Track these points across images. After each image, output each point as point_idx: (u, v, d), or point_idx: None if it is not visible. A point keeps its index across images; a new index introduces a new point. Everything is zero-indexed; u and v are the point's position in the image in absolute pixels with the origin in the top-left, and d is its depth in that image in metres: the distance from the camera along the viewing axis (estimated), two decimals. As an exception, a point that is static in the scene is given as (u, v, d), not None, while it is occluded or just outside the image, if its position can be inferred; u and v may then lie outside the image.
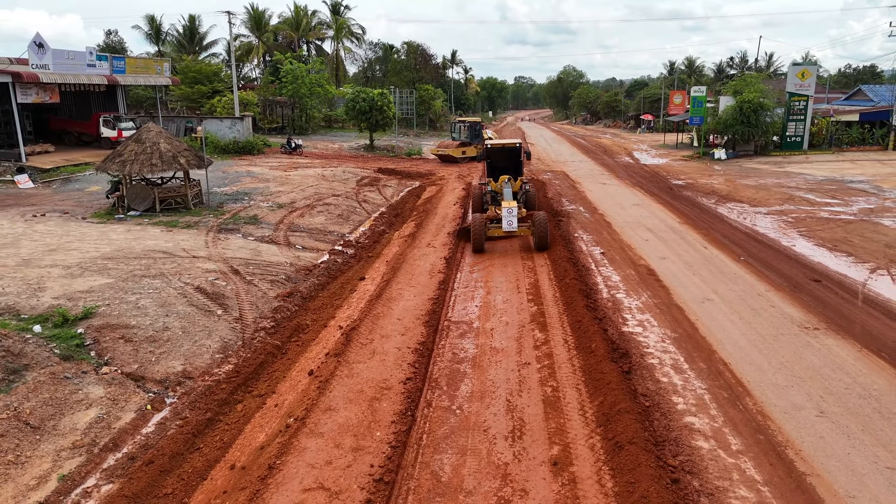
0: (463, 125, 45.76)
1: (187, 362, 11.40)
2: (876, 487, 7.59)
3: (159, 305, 13.16)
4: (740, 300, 14.32)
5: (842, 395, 9.88)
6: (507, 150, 22.21)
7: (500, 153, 22.21)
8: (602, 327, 12.57)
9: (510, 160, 21.80)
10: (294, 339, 12.82)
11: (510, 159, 21.85)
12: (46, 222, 20.10)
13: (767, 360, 11.12)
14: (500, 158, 21.99)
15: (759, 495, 7.50)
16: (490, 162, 22.06)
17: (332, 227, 22.65)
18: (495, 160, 22.01)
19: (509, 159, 21.85)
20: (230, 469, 8.38)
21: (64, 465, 8.40)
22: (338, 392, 10.23)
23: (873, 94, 48.88)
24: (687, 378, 10.58)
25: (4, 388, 9.50)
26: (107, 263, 15.54)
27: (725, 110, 42.53)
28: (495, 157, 22.13)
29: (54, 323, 11.81)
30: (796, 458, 8.20)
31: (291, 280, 16.37)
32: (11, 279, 14.00)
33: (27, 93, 28.94)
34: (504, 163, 21.75)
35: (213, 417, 9.77)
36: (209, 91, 51.12)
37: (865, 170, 34.87)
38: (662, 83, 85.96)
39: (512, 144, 22.45)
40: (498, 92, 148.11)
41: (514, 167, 21.59)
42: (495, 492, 7.71)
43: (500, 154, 22.19)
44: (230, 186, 27.39)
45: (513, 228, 18.21)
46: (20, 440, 8.64)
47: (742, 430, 8.93)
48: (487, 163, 22.06)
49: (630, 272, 16.74)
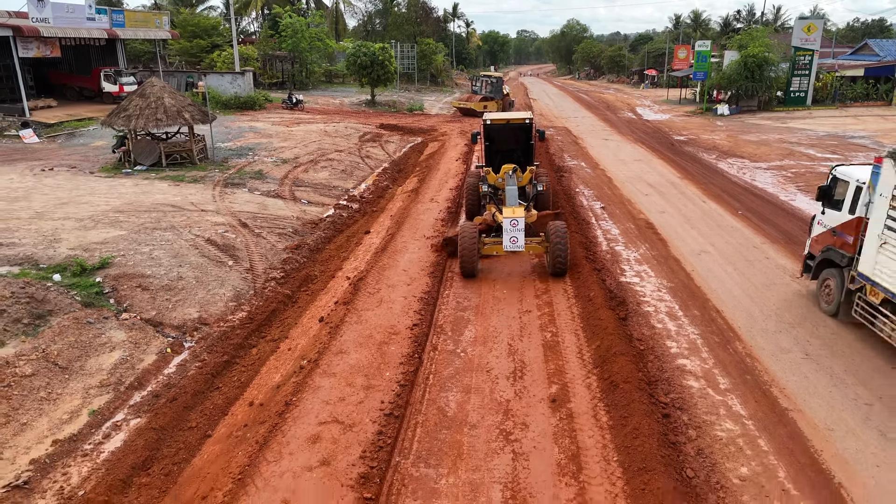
0: (486, 80, 45.95)
1: (202, 310, 11.89)
2: (853, 421, 8.14)
3: (172, 256, 13.59)
4: (736, 252, 14.73)
5: (828, 339, 10.38)
6: (512, 129, 16.33)
7: (504, 132, 16.42)
8: (601, 277, 13.02)
9: (517, 142, 16.37)
10: (303, 289, 13.30)
11: (517, 140, 16.36)
12: (55, 177, 20.38)
13: (759, 308, 11.60)
14: (504, 139, 16.45)
15: (744, 428, 8.05)
16: (489, 144, 16.47)
17: (336, 182, 22.92)
18: (497, 141, 16.49)
19: (516, 141, 16.38)
20: (249, 405, 8.93)
21: (93, 402, 8.95)
22: (348, 337, 10.74)
23: (880, 48, 48.33)
24: (681, 324, 11.07)
25: (31, 332, 10.00)
26: (118, 216, 15.91)
27: (730, 65, 42.19)
28: (496, 137, 16.47)
29: (73, 272, 12.24)
30: (780, 396, 8.74)
31: (298, 233, 16.77)
32: (27, 231, 14.39)
33: (28, 47, 28.81)
34: (508, 145, 16.42)
35: (229, 360, 10.30)
36: (208, 45, 50.55)
37: (868, 125, 34.85)
38: (667, 37, 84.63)
39: (519, 120, 16.26)
40: (500, 46, 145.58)
41: (522, 152, 16.37)
42: (497, 425, 8.26)
43: (503, 133, 16.43)
44: (234, 142, 27.53)
45: (517, 248, 13.04)
46: (50, 379, 9.18)
47: (731, 370, 9.46)
48: (486, 145, 16.47)
49: (629, 226, 17.12)
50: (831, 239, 11.30)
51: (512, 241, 12.93)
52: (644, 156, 28.19)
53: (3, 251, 12.96)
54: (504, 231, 12.97)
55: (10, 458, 7.73)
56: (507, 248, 13.00)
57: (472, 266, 13.18)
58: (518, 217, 12.92)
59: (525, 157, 16.25)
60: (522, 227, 12.90)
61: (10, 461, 7.69)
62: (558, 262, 13.01)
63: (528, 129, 16.13)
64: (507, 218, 12.96)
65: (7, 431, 8.11)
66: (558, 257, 12.96)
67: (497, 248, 13.29)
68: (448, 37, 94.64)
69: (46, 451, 7.89)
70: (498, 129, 16.37)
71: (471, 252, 13.04)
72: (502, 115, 18.97)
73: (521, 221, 12.89)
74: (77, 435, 8.25)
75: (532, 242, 13.33)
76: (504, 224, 12.99)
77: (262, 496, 6.90)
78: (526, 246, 13.07)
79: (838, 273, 10.97)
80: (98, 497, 7.14)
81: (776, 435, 7.87)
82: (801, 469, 7.24)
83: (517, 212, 13.13)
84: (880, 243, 9.69)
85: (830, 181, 11.66)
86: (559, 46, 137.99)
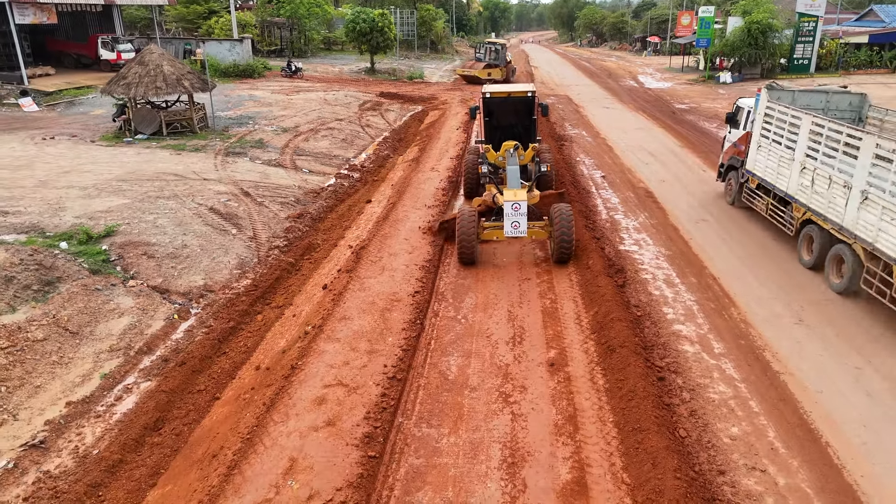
0: (490, 47, 45.71)
1: (208, 277, 12.09)
2: (843, 384, 8.39)
3: (176, 225, 13.74)
4: (732, 221, 14.87)
5: (822, 305, 10.59)
6: (513, 102, 15.64)
7: (504, 106, 15.72)
8: (600, 245, 13.18)
9: (518, 117, 15.75)
10: (307, 257, 13.48)
11: (518, 116, 15.74)
12: (56, 145, 20.40)
13: (754, 275, 11.79)
14: (504, 114, 15.82)
15: (736, 390, 8.30)
16: (488, 119, 15.86)
17: (337, 151, 22.93)
18: (497, 116, 15.87)
19: (517, 115, 15.74)
20: (255, 369, 9.19)
21: (104, 366, 9.20)
22: (351, 303, 10.95)
23: (885, 14, 47.66)
24: (677, 291, 11.28)
25: (41, 298, 10.21)
26: (121, 185, 16.00)
27: (733, 32, 41.68)
28: (497, 111, 15.83)
29: (79, 240, 12.40)
30: (773, 360, 8.98)
31: (300, 202, 16.89)
32: (32, 199, 14.51)
33: (24, 13, 28.51)
34: (509, 120, 15.81)
35: (235, 326, 10.54)
36: (205, 11, 49.88)
37: (871, 92, 34.48)
38: (671, 3, 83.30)
39: (521, 94, 15.47)
40: (501, 12, 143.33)
41: (524, 128, 15.77)
42: (497, 388, 8.52)
43: (504, 108, 15.75)
44: (233, 110, 27.44)
45: (519, 234, 12.34)
46: (62, 343, 9.42)
47: (725, 336, 9.69)
48: (485, 121, 15.83)
49: (629, 194, 17.22)
50: (733, 150, 15.70)
51: (514, 227, 12.16)
52: (645, 124, 28.11)
53: (10, 219, 13.11)
54: (505, 216, 12.18)
55: (26, 419, 8.00)
56: (508, 233, 12.31)
57: (470, 253, 12.45)
58: (520, 200, 12.06)
59: (527, 133, 15.58)
60: (525, 212, 12.08)
61: (26, 422, 7.97)
62: (563, 249, 12.25)
63: (530, 102, 15.37)
64: (509, 201, 12.09)
65: (22, 394, 8.37)
66: (563, 244, 12.17)
67: (497, 232, 12.56)
68: (448, 3, 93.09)
69: (60, 413, 8.16)
70: (498, 103, 15.52)
71: (469, 238, 12.29)
72: (503, 87, 17.45)
73: (524, 205, 12.06)
74: (90, 397, 8.52)
75: (535, 227, 12.61)
76: (505, 208, 12.15)
77: (271, 454, 7.17)
78: (528, 231, 12.39)
79: (736, 173, 15.59)
80: (112, 455, 7.43)
81: (767, 397, 8.13)
82: (790, 429, 7.50)
83: (519, 194, 12.24)
84: (757, 147, 14.19)
85: (734, 109, 15.83)
86: (561, 13, 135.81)
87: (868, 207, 10.05)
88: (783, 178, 12.95)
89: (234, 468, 6.95)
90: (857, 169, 10.36)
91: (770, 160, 13.53)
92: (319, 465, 6.95)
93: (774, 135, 13.36)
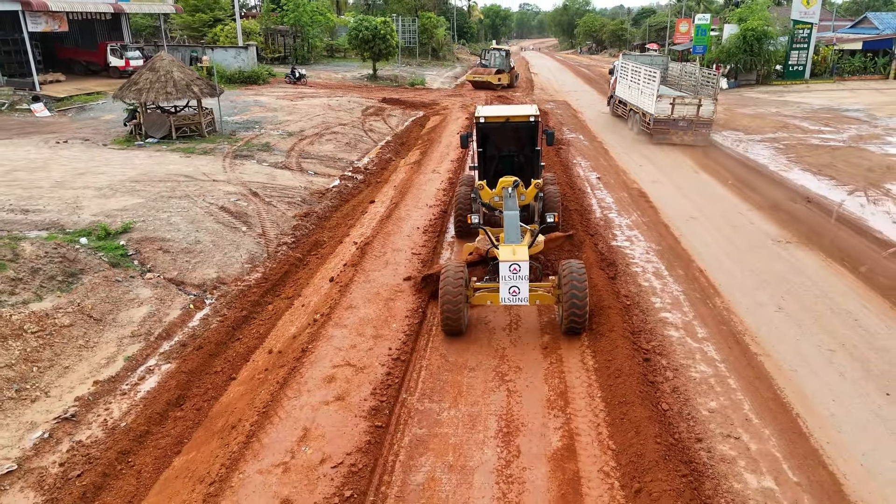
0: (496, 53, 46.74)
1: (220, 270, 12.74)
2: (816, 364, 9.01)
3: (189, 222, 14.40)
4: (722, 218, 15.51)
5: (801, 295, 11.22)
6: (512, 129, 13.02)
7: (502, 133, 13.11)
8: (593, 242, 13.81)
9: (519, 145, 13.28)
10: (314, 253, 14.13)
11: (519, 144, 13.25)
12: (70, 148, 21.09)
13: (739, 268, 12.43)
14: (502, 142, 13.30)
15: (716, 370, 8.93)
16: (483, 150, 13.20)
17: (341, 154, 23.62)
18: (493, 144, 13.34)
19: (517, 143, 13.26)
20: (268, 353, 9.82)
21: (127, 349, 9.84)
22: (357, 294, 11.59)
23: (879, 21, 48.47)
24: (665, 282, 11.91)
25: (66, 288, 10.86)
26: (135, 185, 16.68)
27: (729, 38, 42.49)
28: (493, 139, 13.25)
29: (97, 236, 13.05)
30: (752, 343, 9.60)
31: (307, 202, 17.55)
32: (50, 199, 15.18)
33: (37, 21, 29.32)
34: (508, 148, 13.38)
35: (248, 315, 11.18)
36: (210, 19, 50.78)
37: (863, 98, 35.33)
38: (670, 11, 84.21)
39: (522, 118, 12.70)
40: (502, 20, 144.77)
41: (526, 158, 13.36)
42: (494, 368, 9.15)
43: (502, 134, 13.17)
44: (240, 115, 28.16)
45: (519, 302, 9.58)
46: (87, 329, 10.07)
47: (709, 322, 10.32)
48: (480, 152, 13.21)
49: (623, 195, 17.87)
50: (611, 87, 31.72)
51: (512, 293, 9.48)
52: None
53: (31, 217, 13.78)
54: (501, 278, 9.49)
55: (57, 396, 8.64)
56: (504, 301, 9.59)
57: (456, 322, 9.75)
58: (520, 260, 9.36)
59: (529, 165, 13.13)
60: (527, 274, 9.40)
61: (58, 398, 8.60)
62: (574, 319, 9.52)
63: (532, 129, 12.70)
64: (506, 262, 9.40)
65: (52, 374, 9.01)
66: (574, 313, 9.45)
67: (492, 296, 9.85)
68: (449, 11, 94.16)
69: (89, 391, 8.79)
70: (495, 129, 12.87)
71: (455, 304, 9.60)
72: (501, 110, 14.35)
73: (525, 266, 9.35)
74: (115, 377, 9.15)
75: (539, 290, 10.06)
76: (501, 269, 9.42)
77: (286, 425, 7.80)
78: (531, 295, 9.71)
79: (611, 98, 31.42)
80: (139, 427, 8.06)
81: (744, 375, 8.75)
82: (764, 403, 8.12)
83: (519, 252, 9.55)
84: (618, 82, 29.80)
85: (612, 66, 33.65)
86: (561, 20, 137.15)
87: (642, 96, 24.93)
88: (626, 93, 27.94)
89: (253, 437, 7.58)
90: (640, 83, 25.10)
91: (622, 87, 28.82)
92: (330, 434, 7.59)
93: (621, 76, 28.81)
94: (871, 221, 15.22)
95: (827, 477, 6.84)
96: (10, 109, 27.92)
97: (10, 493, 7.02)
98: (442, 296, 9.70)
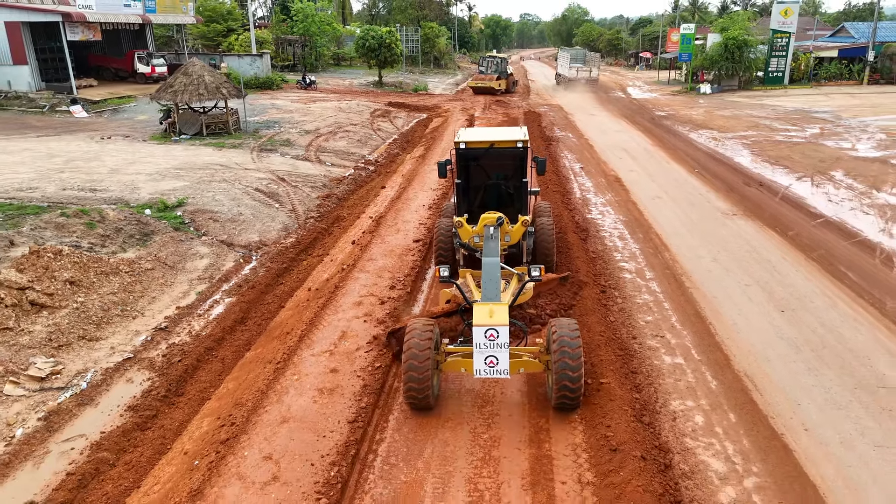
0: (492, 60, 49.57)
1: (261, 235, 15.43)
2: (733, 293, 11.66)
3: (231, 199, 17.11)
4: (683, 197, 18.20)
5: (734, 251, 13.88)
6: (497, 156, 11.24)
7: (486, 160, 11.44)
8: (572, 215, 16.50)
9: (505, 174, 11.65)
10: (336, 225, 16.83)
11: (505, 172, 11.63)
12: (115, 143, 23.85)
13: (689, 232, 15.10)
14: (486, 170, 11.65)
15: (655, 297, 11.58)
16: (461, 181, 11.34)
17: (354, 149, 26.37)
18: (475, 174, 11.61)
19: (503, 171, 11.66)
20: (307, 291, 12.49)
21: (197, 287, 12.52)
22: (375, 251, 14.28)
23: (855, 31, 51.32)
24: (626, 243, 14.58)
25: (143, 244, 13.56)
26: (179, 172, 19.41)
27: (712, 47, 45.30)
28: (475, 167, 11.55)
29: (157, 208, 15.77)
30: (687, 281, 12.25)
31: (327, 186, 20.27)
32: (110, 181, 17.90)
33: (75, 31, 32.17)
34: (492, 175, 11.69)
35: (287, 267, 13.87)
36: (224, 29, 53.79)
37: (835, 102, 38.05)
38: (665, 21, 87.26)
39: (509, 143, 11.00)
40: (502, 30, 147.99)
41: (513, 189, 11.64)
42: (485, 297, 11.80)
43: (485, 162, 11.51)
44: (260, 116, 30.95)
45: (498, 374, 7.80)
46: (164, 272, 12.75)
47: (656, 268, 12.98)
48: (457, 184, 11.34)
49: (601, 180, 20.58)
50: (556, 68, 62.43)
51: (489, 364, 7.71)
52: (625, 128, 31.56)
53: (98, 194, 16.49)
54: (475, 346, 7.70)
55: (151, 315, 11.32)
56: (479, 373, 7.80)
57: (422, 394, 7.94)
58: (498, 325, 7.62)
59: (517, 196, 11.50)
60: (506, 340, 7.64)
61: (151, 317, 11.28)
62: (565, 394, 7.83)
63: (521, 155, 11.00)
64: (480, 326, 7.64)
65: (144, 301, 11.69)
66: (566, 387, 7.75)
67: (467, 363, 8.09)
68: (451, 21, 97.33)
69: (174, 313, 11.46)
70: (478, 156, 11.15)
71: (420, 373, 7.84)
72: (484, 134, 12.42)
73: (504, 332, 7.61)
74: (191, 305, 11.83)
75: (523, 355, 8.33)
76: (474, 335, 7.67)
77: (328, 330, 10.47)
78: (513, 363, 7.93)
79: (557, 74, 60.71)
80: (216, 334, 10.73)
81: (676, 300, 11.40)
82: (686, 316, 10.76)
83: (497, 314, 7.78)
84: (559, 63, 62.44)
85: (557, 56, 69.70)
86: (560, 30, 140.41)
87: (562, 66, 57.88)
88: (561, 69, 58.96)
89: (304, 337, 10.24)
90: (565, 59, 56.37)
91: (561, 66, 60.31)
92: (360, 333, 10.26)
93: (561, 59, 61.16)
94: (809, 200, 17.88)
95: (722, 357, 9.48)
96: (51, 111, 30.75)
97: (130, 371, 9.68)
98: (405, 360, 7.90)
